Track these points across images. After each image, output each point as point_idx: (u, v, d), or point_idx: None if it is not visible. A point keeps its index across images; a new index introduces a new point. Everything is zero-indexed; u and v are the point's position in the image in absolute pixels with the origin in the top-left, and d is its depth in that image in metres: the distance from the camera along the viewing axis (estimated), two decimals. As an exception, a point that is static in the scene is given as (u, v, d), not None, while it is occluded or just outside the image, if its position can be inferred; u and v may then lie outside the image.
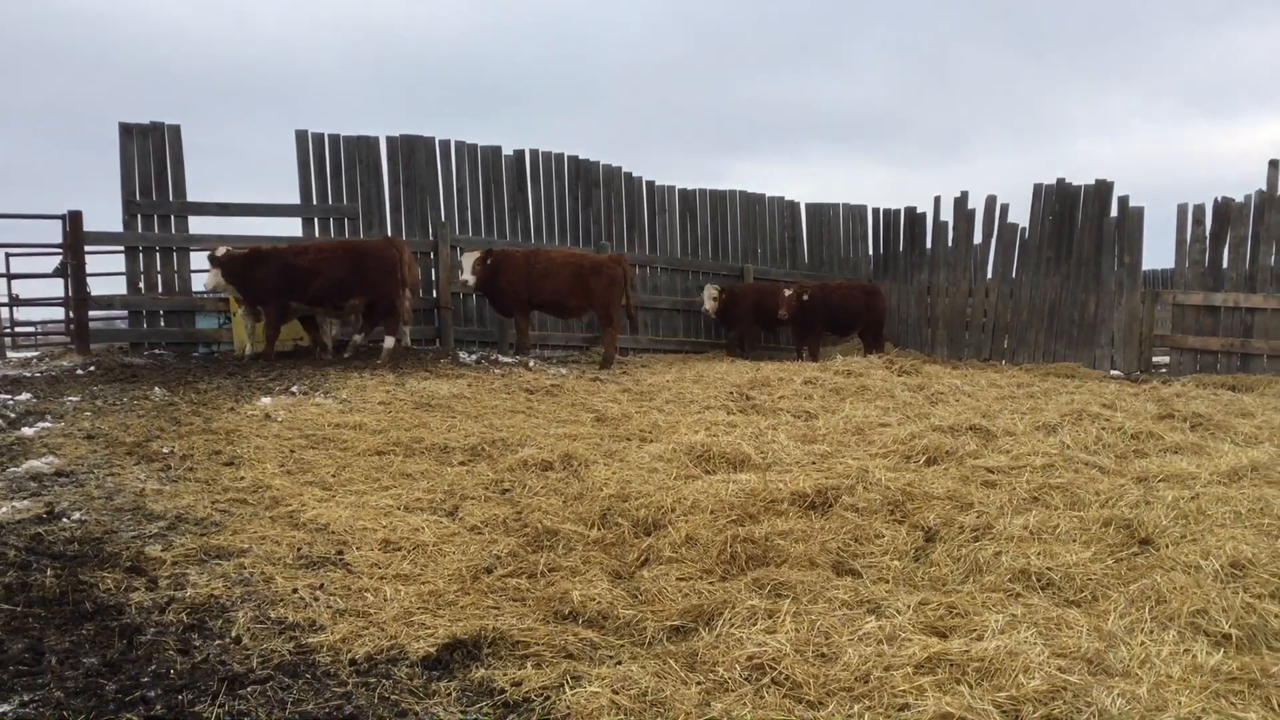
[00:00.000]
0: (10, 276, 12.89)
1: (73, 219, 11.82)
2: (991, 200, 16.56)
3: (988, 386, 10.45)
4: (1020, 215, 16.30)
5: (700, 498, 5.26)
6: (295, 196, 13.51)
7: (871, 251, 18.94)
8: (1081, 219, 15.56)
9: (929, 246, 17.68)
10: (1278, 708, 3.04)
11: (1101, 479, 5.85)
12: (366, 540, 4.90)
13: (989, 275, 16.71)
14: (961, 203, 17.20)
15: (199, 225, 13.01)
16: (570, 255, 13.51)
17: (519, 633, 3.67)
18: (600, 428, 7.96)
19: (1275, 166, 13.49)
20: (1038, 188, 16.03)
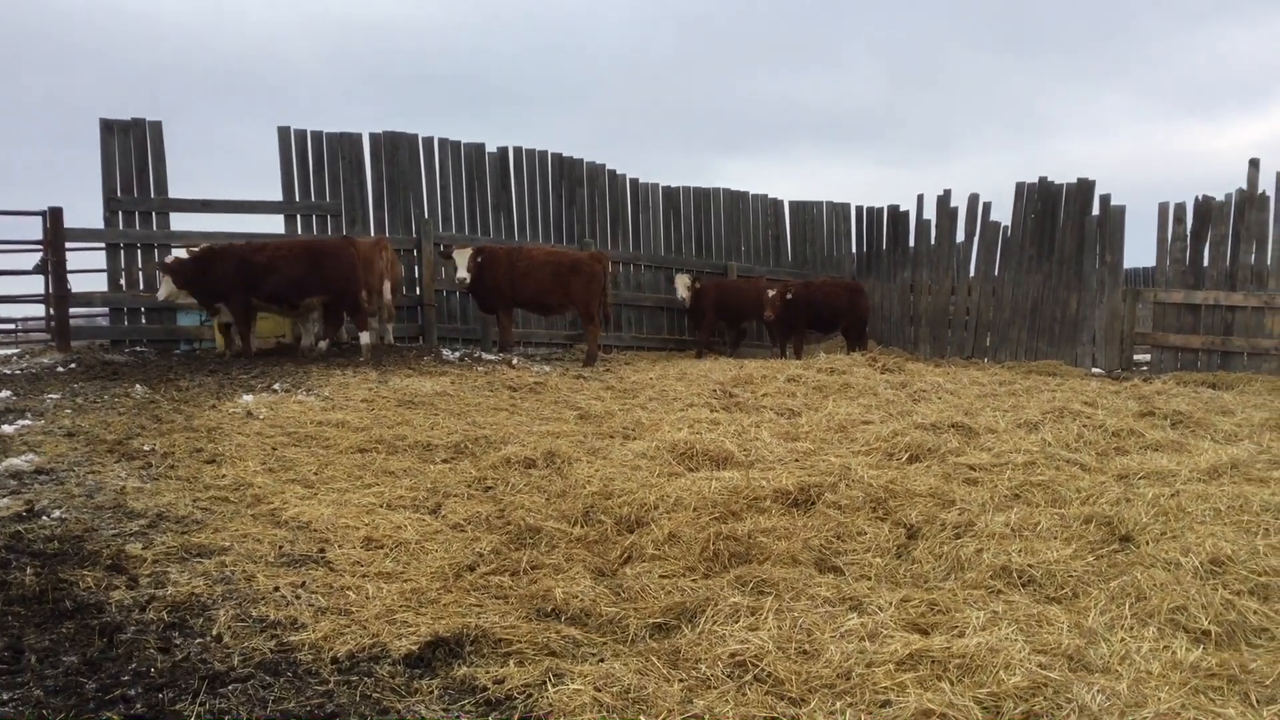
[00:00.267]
0: (-11, 273, 12.74)
1: (53, 215, 11.69)
2: (974, 198, 16.64)
3: (970, 384, 10.49)
4: (1003, 214, 16.41)
5: (683, 495, 5.27)
6: (279, 193, 13.44)
7: (855, 249, 18.98)
8: (1063, 217, 15.65)
9: (912, 244, 17.75)
10: (1256, 703, 3.07)
11: (1083, 476, 5.89)
12: (348, 538, 4.88)
13: (972, 273, 16.78)
14: (944, 201, 17.27)
15: (181, 222, 12.90)
16: (551, 253, 13.49)
17: (501, 630, 3.67)
18: (583, 425, 7.96)
19: (1255, 166, 13.59)
20: (1020, 186, 16.10)
